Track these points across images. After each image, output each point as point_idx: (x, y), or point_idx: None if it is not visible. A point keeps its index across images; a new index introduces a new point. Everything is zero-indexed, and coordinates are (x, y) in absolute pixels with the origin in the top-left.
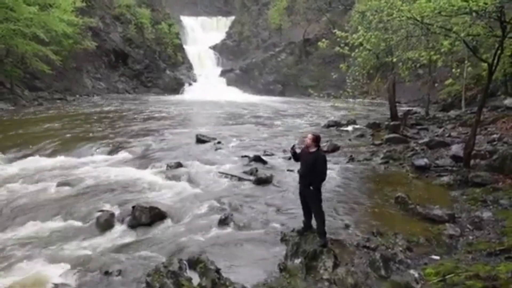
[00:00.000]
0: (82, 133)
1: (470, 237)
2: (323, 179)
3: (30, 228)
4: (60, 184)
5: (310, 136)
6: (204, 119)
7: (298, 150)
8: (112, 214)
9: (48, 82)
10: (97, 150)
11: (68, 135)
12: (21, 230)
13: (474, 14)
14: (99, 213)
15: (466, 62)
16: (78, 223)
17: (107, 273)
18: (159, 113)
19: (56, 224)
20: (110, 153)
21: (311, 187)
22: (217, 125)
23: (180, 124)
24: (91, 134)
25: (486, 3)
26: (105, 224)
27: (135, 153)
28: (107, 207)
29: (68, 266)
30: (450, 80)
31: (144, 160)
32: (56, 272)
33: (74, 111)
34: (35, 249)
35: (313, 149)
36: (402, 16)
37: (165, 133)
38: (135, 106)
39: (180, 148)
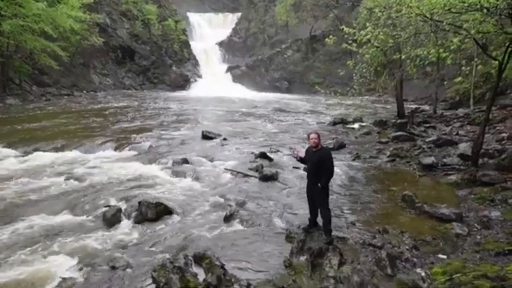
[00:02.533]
0: (89, 129)
1: (478, 237)
2: (331, 176)
3: (38, 222)
4: (67, 179)
5: (315, 135)
6: (210, 115)
7: (301, 154)
8: (119, 209)
9: (56, 78)
10: (104, 146)
11: (75, 131)
12: (28, 224)
13: (485, 11)
14: (106, 208)
15: (475, 59)
16: (85, 218)
17: (113, 267)
18: (165, 109)
19: (64, 218)
20: (117, 149)
21: (318, 185)
22: (223, 121)
23: (186, 120)
24: (98, 130)
25: (497, 0)
26: (112, 219)
27: (141, 149)
28: (114, 202)
29: (75, 260)
30: (459, 78)
31: (150, 156)
32: (63, 266)
33: (81, 106)
34: (42, 243)
35: (317, 147)
36: (411, 13)
37: (171, 129)
38: (142, 102)
39: (186, 144)
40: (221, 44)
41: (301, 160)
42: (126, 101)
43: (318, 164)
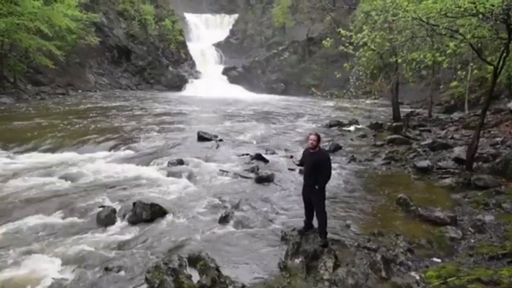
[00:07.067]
0: (83, 129)
1: (472, 240)
2: (328, 178)
3: (31, 223)
4: (60, 180)
5: (313, 137)
6: (205, 116)
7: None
8: (113, 210)
9: (51, 77)
10: (99, 146)
11: (69, 131)
12: (21, 225)
13: (480, 16)
14: (100, 209)
15: (471, 64)
16: (79, 219)
17: (107, 269)
18: (161, 109)
19: (57, 219)
20: (112, 149)
21: (316, 186)
22: (218, 122)
23: (181, 121)
24: (92, 130)
25: (493, 5)
26: (106, 220)
27: (137, 150)
28: (108, 203)
29: (68, 262)
30: (454, 82)
31: (145, 156)
32: (55, 267)
33: (76, 106)
34: (35, 244)
35: (315, 149)
36: (408, 17)
37: (166, 130)
38: (137, 102)
39: (181, 145)
40: (218, 45)
41: (300, 164)
42: (122, 101)
43: (314, 166)
